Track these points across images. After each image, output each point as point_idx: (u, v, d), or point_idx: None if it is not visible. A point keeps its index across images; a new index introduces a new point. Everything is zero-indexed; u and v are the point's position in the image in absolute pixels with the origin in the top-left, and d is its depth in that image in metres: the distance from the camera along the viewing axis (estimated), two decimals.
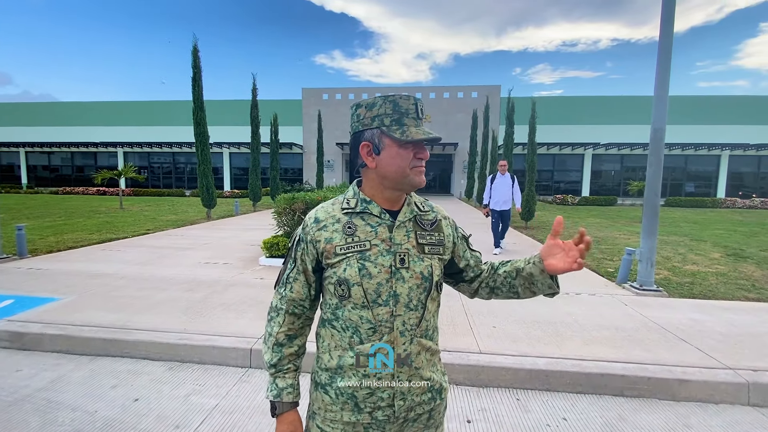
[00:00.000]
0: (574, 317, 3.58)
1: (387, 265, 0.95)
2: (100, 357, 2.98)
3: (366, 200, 1.00)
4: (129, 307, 3.67)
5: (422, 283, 0.97)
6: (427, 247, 1.00)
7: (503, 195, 6.75)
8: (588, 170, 25.34)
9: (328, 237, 0.98)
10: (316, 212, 1.03)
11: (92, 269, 5.10)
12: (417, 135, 0.92)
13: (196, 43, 11.04)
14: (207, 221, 10.90)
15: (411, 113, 0.94)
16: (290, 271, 1.03)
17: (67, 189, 25.03)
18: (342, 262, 0.96)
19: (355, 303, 0.96)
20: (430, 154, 1.01)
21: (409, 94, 0.94)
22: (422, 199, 1.11)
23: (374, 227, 0.98)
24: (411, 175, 0.95)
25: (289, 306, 1.03)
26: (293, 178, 26.48)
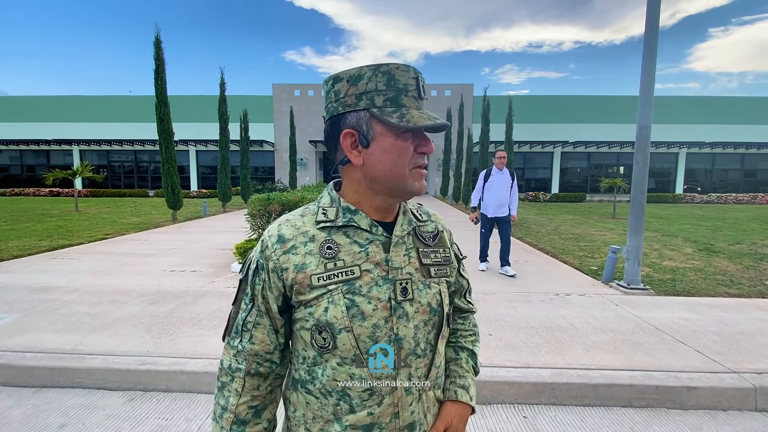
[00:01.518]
0: (569, 320, 3.46)
1: (385, 298, 0.69)
2: (45, 389, 2.55)
3: (350, 209, 0.73)
4: (82, 326, 3.23)
5: (431, 318, 0.73)
6: (433, 268, 0.76)
7: (500, 197, 5.07)
8: (557, 168, 26.02)
9: (300, 263, 0.69)
10: (279, 227, 0.74)
11: (39, 281, 4.55)
12: (421, 120, 0.66)
13: (158, 33, 10.32)
14: (173, 224, 10.24)
15: (411, 90, 0.68)
16: (246, 313, 0.74)
17: (16, 190, 23.10)
18: (321, 298, 0.68)
19: (342, 357, 0.68)
20: None
21: (413, 66, 0.69)
22: (416, 204, 0.85)
23: (364, 246, 0.71)
24: (409, 178, 0.69)
25: (251, 364, 0.74)
26: (264, 177, 25.65)
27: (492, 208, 5.16)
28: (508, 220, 5.15)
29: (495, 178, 5.16)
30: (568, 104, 25.87)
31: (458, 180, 18.20)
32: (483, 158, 12.71)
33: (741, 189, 24.84)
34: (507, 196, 5.10)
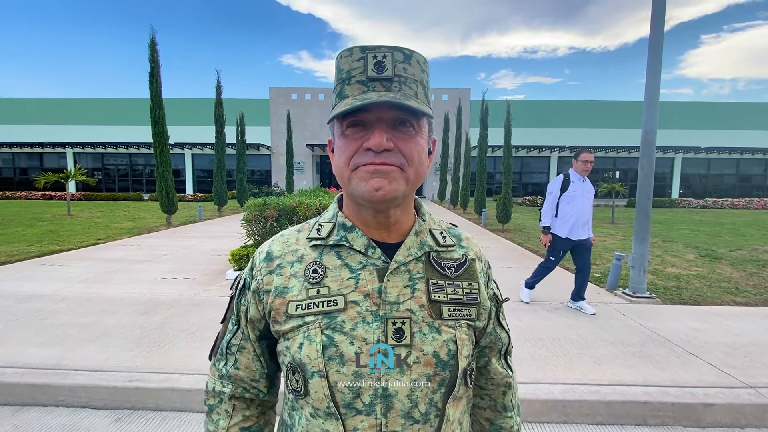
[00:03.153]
0: (576, 331, 3.35)
1: (372, 339, 0.55)
2: (27, 407, 2.40)
3: (346, 225, 0.62)
4: (67, 339, 3.07)
5: (437, 373, 0.56)
6: (447, 307, 0.59)
7: (584, 212, 3.77)
8: (554, 172, 26.09)
9: (281, 286, 0.60)
10: (270, 243, 0.66)
11: (26, 290, 4.38)
12: (342, 106, 0.54)
13: (153, 35, 10.20)
14: (167, 228, 10.06)
15: (355, 74, 0.55)
16: (231, 335, 0.66)
17: (7, 193, 22.78)
18: (297, 331, 0.57)
19: (315, 408, 0.56)
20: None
21: (362, 45, 0.55)
22: (444, 224, 0.69)
23: (355, 271, 0.59)
24: (353, 179, 0.56)
25: (236, 388, 0.66)
26: (261, 180, 25.50)
27: (571, 227, 3.76)
28: (589, 246, 3.86)
29: (577, 188, 3.77)
30: (565, 109, 26.01)
31: (456, 184, 18.15)
32: (481, 163, 12.65)
33: (736, 194, 25.00)
34: (591, 211, 3.80)
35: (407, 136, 0.56)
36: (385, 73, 0.54)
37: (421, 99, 0.56)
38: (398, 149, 0.55)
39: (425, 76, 0.58)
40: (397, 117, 0.55)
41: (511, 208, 10.26)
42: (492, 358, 0.71)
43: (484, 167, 12.74)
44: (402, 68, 0.55)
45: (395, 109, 0.54)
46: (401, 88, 0.54)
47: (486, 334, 0.68)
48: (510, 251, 7.24)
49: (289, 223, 5.14)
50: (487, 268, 0.70)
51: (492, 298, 0.68)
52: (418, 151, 0.57)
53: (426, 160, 0.60)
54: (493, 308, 0.68)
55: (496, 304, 0.69)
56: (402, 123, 0.55)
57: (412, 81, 0.55)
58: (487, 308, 0.65)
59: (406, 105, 0.52)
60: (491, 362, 0.71)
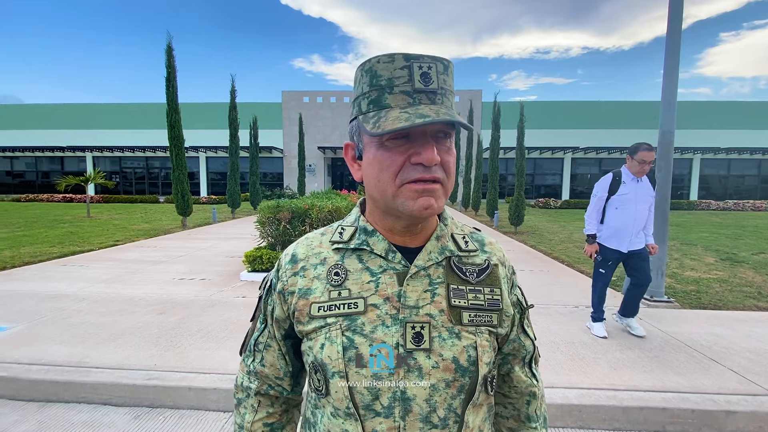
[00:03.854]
0: (592, 336, 3.30)
1: (391, 343, 0.56)
2: (51, 403, 2.48)
3: (367, 230, 0.63)
4: (89, 337, 3.16)
5: (456, 379, 0.56)
6: (467, 312, 0.59)
7: (638, 219, 3.20)
8: (567, 174, 25.74)
9: (304, 287, 0.61)
10: (296, 246, 0.68)
11: (49, 289, 4.51)
12: (395, 122, 0.50)
13: (170, 41, 10.42)
14: (182, 230, 10.25)
15: (399, 83, 0.53)
16: (259, 333, 0.69)
17: (30, 196, 23.46)
18: (319, 332, 0.59)
19: (335, 407, 0.57)
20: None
21: (404, 53, 0.53)
22: (467, 228, 0.69)
23: (376, 275, 0.60)
24: (399, 196, 0.55)
25: (261, 385, 0.69)
26: (273, 183, 25.76)
27: (621, 237, 3.22)
28: (647, 255, 3.30)
29: (630, 189, 3.21)
30: (578, 110, 25.64)
31: (467, 186, 18.06)
32: (493, 164, 12.56)
33: (758, 196, 24.27)
34: (646, 216, 3.25)
35: (446, 148, 0.56)
36: (431, 85, 0.53)
37: (455, 110, 0.56)
38: (441, 163, 0.55)
39: (454, 87, 0.59)
40: (440, 129, 0.55)
41: (524, 210, 10.16)
42: (515, 365, 0.70)
43: (496, 169, 12.65)
44: (443, 80, 0.55)
45: (452, 125, 0.54)
46: (443, 100, 0.54)
47: (509, 341, 0.68)
48: (523, 254, 7.17)
49: (302, 224, 5.19)
50: (512, 273, 0.69)
51: (516, 304, 0.68)
52: (453, 162, 0.57)
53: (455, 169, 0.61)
54: (517, 315, 0.68)
55: (520, 311, 0.69)
56: (443, 135, 0.55)
57: (449, 93, 0.56)
58: (510, 315, 0.64)
59: (462, 123, 0.51)
60: (514, 370, 0.70)
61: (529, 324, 0.72)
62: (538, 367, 0.74)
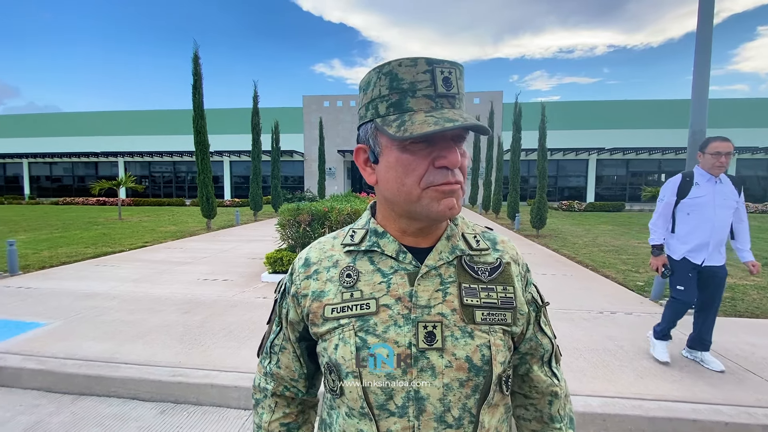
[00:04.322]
0: (617, 342, 3.20)
1: (404, 342, 0.56)
2: (84, 396, 2.60)
3: (377, 231, 0.64)
4: (119, 334, 3.29)
5: (470, 378, 0.56)
6: (480, 311, 0.59)
7: (718, 227, 2.64)
8: (592, 175, 25.05)
9: (318, 290, 0.63)
10: (309, 250, 0.69)
11: (83, 288, 4.73)
12: (423, 126, 0.51)
13: (197, 50, 10.79)
14: (207, 232, 10.55)
15: (421, 87, 0.54)
16: (275, 336, 0.71)
17: (67, 199, 24.71)
18: (333, 333, 0.60)
19: (350, 407, 0.58)
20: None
21: (426, 57, 0.54)
22: (478, 228, 0.69)
23: (387, 276, 0.60)
24: (424, 198, 0.56)
25: (278, 386, 0.71)
26: (294, 186, 26.18)
27: (695, 247, 2.68)
28: (724, 275, 2.75)
29: (705, 191, 2.66)
30: (603, 109, 24.93)
31: (488, 189, 17.82)
32: (514, 166, 12.37)
33: None
34: (728, 224, 2.68)
35: (462, 151, 0.57)
36: (452, 90, 0.55)
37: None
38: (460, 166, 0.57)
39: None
40: (459, 133, 0.56)
41: (546, 212, 9.95)
42: (534, 365, 0.69)
43: (517, 171, 12.45)
44: (460, 85, 0.56)
45: (473, 130, 0.55)
46: (461, 105, 0.56)
47: (525, 339, 0.67)
48: (545, 257, 7.01)
49: (321, 227, 5.25)
50: (525, 271, 0.68)
51: (531, 302, 0.67)
52: (467, 165, 0.59)
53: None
54: (532, 312, 0.67)
55: (536, 308, 0.68)
56: (460, 138, 0.57)
57: (464, 96, 0.58)
58: (525, 313, 0.64)
59: (484, 126, 0.53)
60: (533, 369, 0.69)
61: (547, 322, 0.70)
62: (559, 366, 0.72)
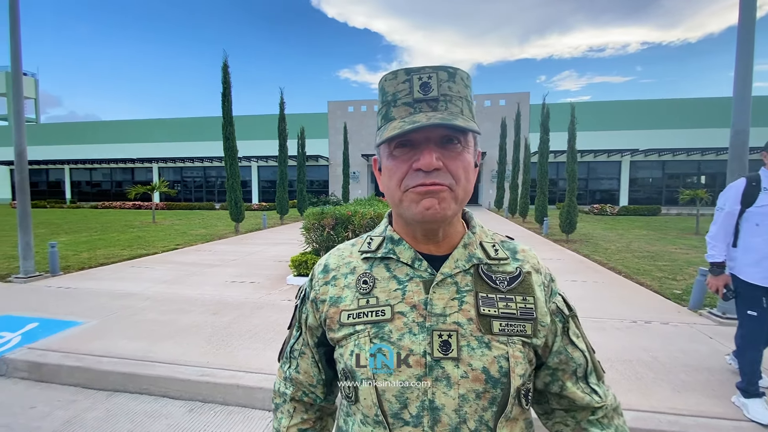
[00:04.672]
0: (652, 354, 3.04)
1: (419, 351, 0.56)
2: (117, 393, 2.71)
3: (394, 239, 0.64)
4: (151, 334, 3.43)
5: (487, 390, 0.55)
6: (497, 321, 0.57)
7: None
8: (626, 178, 24.06)
9: (335, 296, 0.63)
10: (328, 256, 0.70)
11: (119, 288, 4.96)
12: (391, 132, 0.54)
13: (226, 59, 11.16)
14: (235, 235, 10.85)
15: (401, 96, 0.56)
16: (294, 341, 0.72)
17: (105, 203, 26.08)
18: (349, 339, 0.60)
19: (365, 414, 0.58)
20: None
21: (406, 68, 0.57)
22: (498, 236, 0.67)
23: (402, 283, 0.60)
24: (404, 201, 0.57)
25: (296, 391, 0.72)
26: (319, 190, 26.56)
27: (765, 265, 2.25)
28: None
29: None
30: (637, 109, 23.95)
31: (514, 192, 17.46)
32: (542, 169, 12.07)
33: None
34: None
35: (455, 153, 0.57)
36: (431, 93, 0.55)
37: (467, 115, 0.57)
38: (446, 168, 0.56)
39: (469, 92, 0.59)
40: (445, 135, 0.56)
41: (576, 216, 9.63)
42: (566, 381, 0.64)
43: (545, 173, 12.14)
44: (447, 87, 0.56)
45: (446, 128, 0.55)
46: (447, 106, 0.56)
47: (553, 352, 0.63)
48: (575, 263, 6.78)
49: (345, 230, 5.29)
50: (550, 281, 0.66)
51: (557, 312, 0.64)
52: (465, 167, 0.57)
53: (473, 175, 0.60)
54: (558, 324, 0.64)
55: (562, 319, 0.64)
56: (449, 140, 0.56)
57: (458, 98, 0.57)
58: (546, 324, 0.61)
59: (456, 125, 0.53)
60: (566, 386, 0.64)
61: (579, 334, 0.66)
62: (602, 383, 0.67)
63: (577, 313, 0.69)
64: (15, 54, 5.64)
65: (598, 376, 0.66)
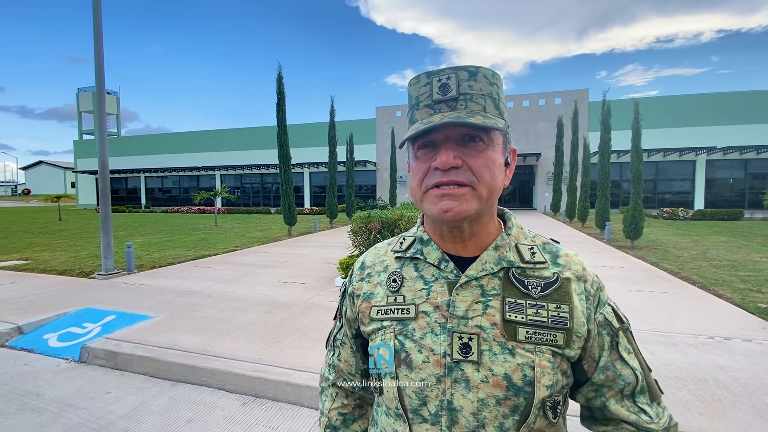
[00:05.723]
0: (731, 373, 2.71)
1: (439, 351, 0.57)
2: (180, 383, 2.93)
3: (423, 239, 0.66)
4: (210, 329, 3.67)
5: (508, 398, 0.53)
6: (523, 329, 0.55)
7: None
8: (701, 179, 21.76)
9: (368, 292, 0.67)
10: (366, 254, 0.74)
11: (184, 286, 5.38)
12: (409, 133, 0.57)
13: (280, 71, 11.76)
14: (288, 238, 11.32)
15: (423, 99, 0.58)
16: (337, 330, 0.77)
17: (174, 208, 28.50)
18: (377, 333, 0.63)
19: (388, 407, 0.61)
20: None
21: (428, 71, 0.58)
22: (540, 239, 0.63)
23: (428, 283, 0.62)
24: (425, 201, 0.58)
25: (338, 378, 0.76)
26: (367, 194, 26.96)
27: None
28: None
29: None
30: (713, 103, 21.58)
31: (572, 195, 16.49)
32: (603, 170, 11.29)
33: None
34: None
35: (476, 151, 0.56)
36: (450, 93, 0.56)
37: (490, 112, 0.56)
38: (467, 166, 0.56)
39: (495, 89, 0.58)
40: (466, 133, 0.56)
41: (642, 221, 8.87)
42: (611, 398, 0.61)
43: (606, 175, 11.34)
44: (467, 86, 0.56)
45: (461, 126, 0.55)
46: (467, 105, 0.56)
47: (599, 368, 0.60)
48: (640, 272, 6.25)
49: (391, 234, 5.32)
50: (597, 290, 0.61)
51: (605, 324, 0.60)
52: (489, 165, 0.56)
53: (500, 173, 0.59)
54: (606, 337, 0.60)
55: (610, 332, 0.60)
56: (471, 139, 0.56)
57: (479, 96, 0.56)
58: (583, 335, 0.57)
59: (468, 122, 0.53)
60: (609, 404, 0.61)
61: (632, 350, 0.61)
62: (655, 404, 0.61)
63: (631, 326, 0.64)
64: (99, 77, 6.37)
65: (653, 397, 0.61)
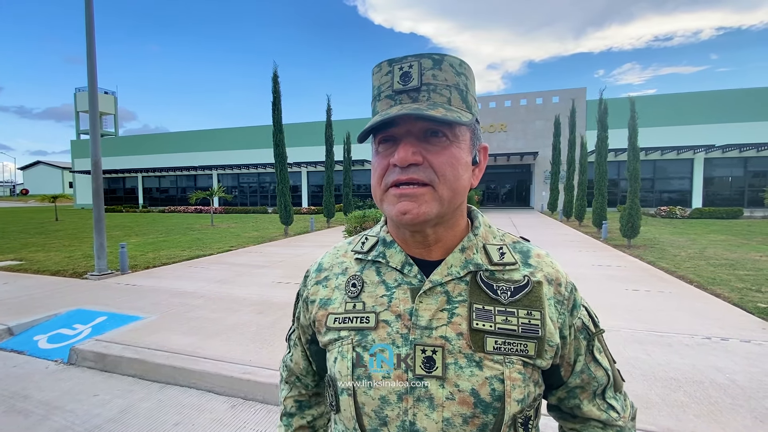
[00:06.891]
0: (728, 375, 2.67)
1: (401, 367, 0.51)
2: (169, 385, 2.87)
3: (386, 241, 0.59)
4: (201, 330, 3.62)
5: (475, 416, 0.48)
6: (492, 338, 0.50)
7: None
8: (699, 177, 21.77)
9: (325, 297, 0.60)
10: (324, 255, 0.68)
11: (177, 287, 5.32)
12: (373, 122, 0.51)
13: (275, 70, 11.67)
14: (284, 238, 11.26)
15: (385, 89, 0.52)
16: (291, 331, 0.72)
17: (171, 208, 28.39)
18: (333, 344, 0.57)
19: (345, 425, 0.55)
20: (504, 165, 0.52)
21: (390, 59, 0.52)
22: (509, 237, 0.58)
23: (390, 289, 0.55)
24: (385, 200, 0.53)
25: (289, 376, 0.74)
26: (365, 194, 26.90)
27: None
28: None
29: None
30: (712, 101, 21.58)
31: (570, 193, 16.47)
32: (600, 168, 11.26)
33: None
34: None
35: (439, 147, 0.51)
36: (411, 83, 0.50)
37: (456, 105, 0.51)
38: (429, 163, 0.50)
39: (462, 79, 0.52)
40: (428, 128, 0.51)
41: (639, 220, 8.84)
42: (583, 400, 0.59)
43: (603, 173, 11.32)
44: (431, 75, 0.50)
45: (421, 119, 0.49)
46: (430, 96, 0.50)
47: (575, 373, 0.57)
48: (637, 271, 6.21)
49: None
50: (570, 292, 0.57)
51: (582, 329, 0.57)
52: (452, 163, 0.51)
53: (465, 172, 0.53)
54: (582, 342, 0.57)
55: (587, 337, 0.57)
56: (433, 134, 0.51)
57: (444, 87, 0.51)
58: (555, 344, 0.53)
59: (427, 115, 0.47)
60: (582, 406, 0.59)
61: (602, 349, 0.59)
62: (619, 394, 0.60)
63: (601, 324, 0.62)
64: (92, 76, 6.29)
65: (617, 388, 0.60)
